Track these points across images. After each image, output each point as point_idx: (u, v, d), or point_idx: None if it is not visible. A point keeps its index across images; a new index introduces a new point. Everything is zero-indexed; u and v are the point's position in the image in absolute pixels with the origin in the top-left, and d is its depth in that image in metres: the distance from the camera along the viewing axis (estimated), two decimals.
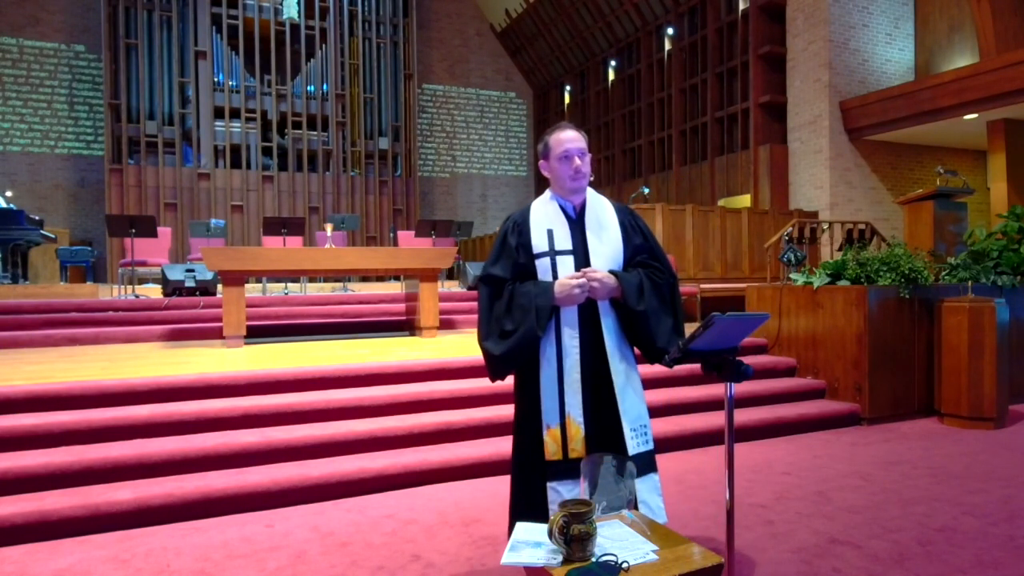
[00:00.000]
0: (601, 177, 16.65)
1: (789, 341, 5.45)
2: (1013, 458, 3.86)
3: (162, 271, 6.98)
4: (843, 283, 5.07)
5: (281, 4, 14.37)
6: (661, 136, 14.80)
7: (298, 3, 14.16)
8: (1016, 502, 3.10)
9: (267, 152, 15.32)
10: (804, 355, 5.31)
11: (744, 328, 1.89)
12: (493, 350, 2.08)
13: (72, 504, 2.80)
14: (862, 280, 4.99)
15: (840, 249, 7.39)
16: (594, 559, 1.62)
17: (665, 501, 2.19)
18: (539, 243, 2.13)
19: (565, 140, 2.12)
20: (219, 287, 6.35)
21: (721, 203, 12.54)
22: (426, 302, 6.08)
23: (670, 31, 14.18)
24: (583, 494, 1.99)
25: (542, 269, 2.11)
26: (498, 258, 2.16)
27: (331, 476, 3.24)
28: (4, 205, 7.85)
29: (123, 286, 8.11)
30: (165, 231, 9.24)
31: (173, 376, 3.84)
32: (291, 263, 5.80)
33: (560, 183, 2.16)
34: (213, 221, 8.74)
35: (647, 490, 2.09)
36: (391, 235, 12.58)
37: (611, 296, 2.10)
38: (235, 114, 14.89)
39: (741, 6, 12.24)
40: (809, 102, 11.13)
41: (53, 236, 8.84)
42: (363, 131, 16.01)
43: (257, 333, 6.04)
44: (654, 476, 2.13)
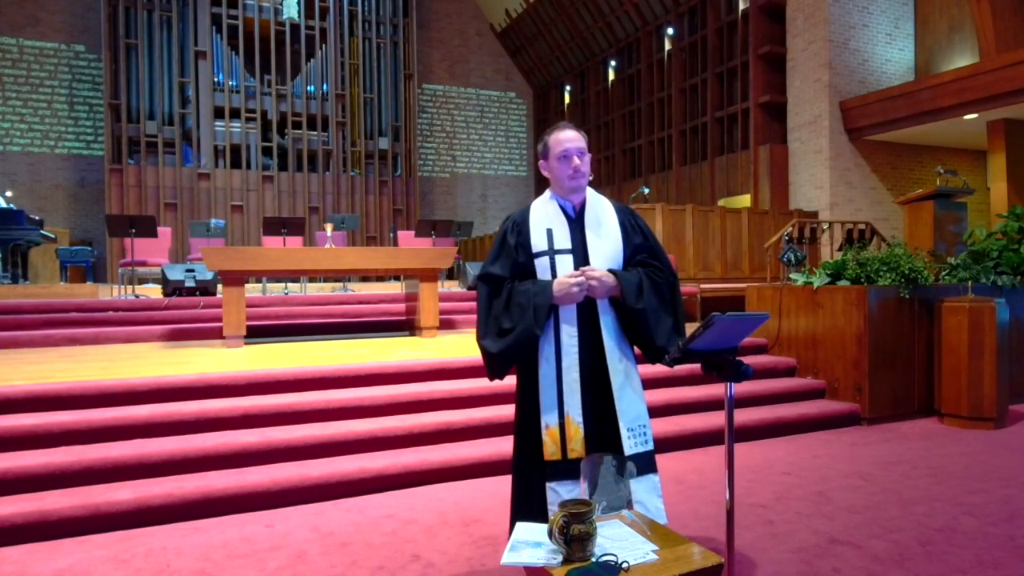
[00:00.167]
0: (601, 177, 16.65)
1: (789, 341, 5.45)
2: (1013, 458, 3.86)
3: (162, 271, 6.98)
4: (843, 283, 5.07)
5: (281, 4, 14.37)
6: (661, 136, 14.80)
7: (298, 3, 14.16)
8: (1016, 502, 3.10)
9: (267, 152, 15.32)
10: (804, 355, 5.31)
11: (744, 328, 1.90)
12: (491, 348, 2.08)
13: (72, 504, 2.80)
14: (862, 280, 4.99)
15: (840, 249, 7.39)
16: (594, 559, 1.62)
17: (665, 501, 2.18)
18: (538, 242, 2.13)
19: (564, 140, 2.12)
20: (219, 287, 6.35)
21: (721, 203, 12.54)
22: (426, 302, 6.08)
23: (670, 31, 14.18)
24: (583, 495, 1.99)
25: (541, 268, 2.11)
26: (497, 257, 2.16)
27: (331, 476, 3.24)
28: (4, 205, 7.85)
29: (123, 286, 8.11)
30: (165, 231, 9.24)
31: (173, 376, 3.85)
32: (291, 263, 5.80)
33: (559, 183, 2.16)
34: (213, 221, 8.74)
35: (645, 491, 2.08)
36: (391, 235, 12.58)
37: (610, 295, 2.09)
38: (235, 114, 14.89)
39: (741, 6, 12.24)
40: (809, 102, 11.13)
41: (53, 236, 8.84)
42: (363, 131, 16.01)
43: (257, 333, 6.04)
44: (653, 477, 2.12)
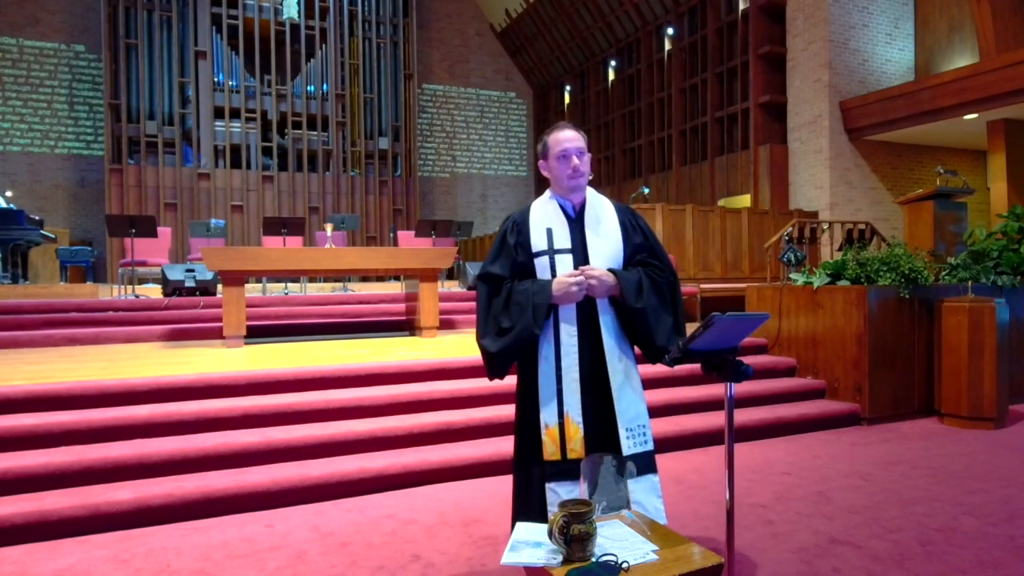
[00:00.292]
0: (601, 177, 16.65)
1: (789, 341, 5.45)
2: (1013, 458, 3.86)
3: (162, 271, 6.98)
4: (843, 283, 5.07)
5: (281, 4, 14.37)
6: (661, 136, 14.80)
7: (298, 3, 14.16)
8: (1016, 502, 3.10)
9: (267, 152, 15.31)
10: (804, 355, 5.31)
11: (744, 328, 1.90)
12: (490, 347, 2.08)
13: (72, 504, 2.80)
14: (862, 280, 4.99)
15: (840, 249, 7.39)
16: (594, 559, 1.62)
17: (665, 501, 2.18)
18: (538, 242, 2.13)
19: (563, 139, 2.12)
20: (219, 287, 6.35)
21: (721, 203, 12.54)
22: (426, 302, 6.08)
23: (670, 31, 14.18)
24: (582, 495, 1.99)
25: (541, 268, 2.11)
26: (497, 257, 2.16)
27: (331, 476, 3.24)
28: (4, 205, 7.85)
29: (123, 286, 8.11)
30: (165, 231, 9.24)
31: (173, 376, 3.85)
32: (291, 263, 5.80)
33: (558, 182, 2.16)
34: (213, 221, 8.74)
35: (644, 491, 2.08)
36: (391, 235, 12.58)
37: (610, 294, 2.09)
38: (235, 114, 14.89)
39: (741, 6, 12.24)
40: (809, 102, 11.13)
41: (53, 236, 8.84)
42: (363, 131, 16.01)
43: (257, 333, 6.04)
44: (652, 477, 2.11)
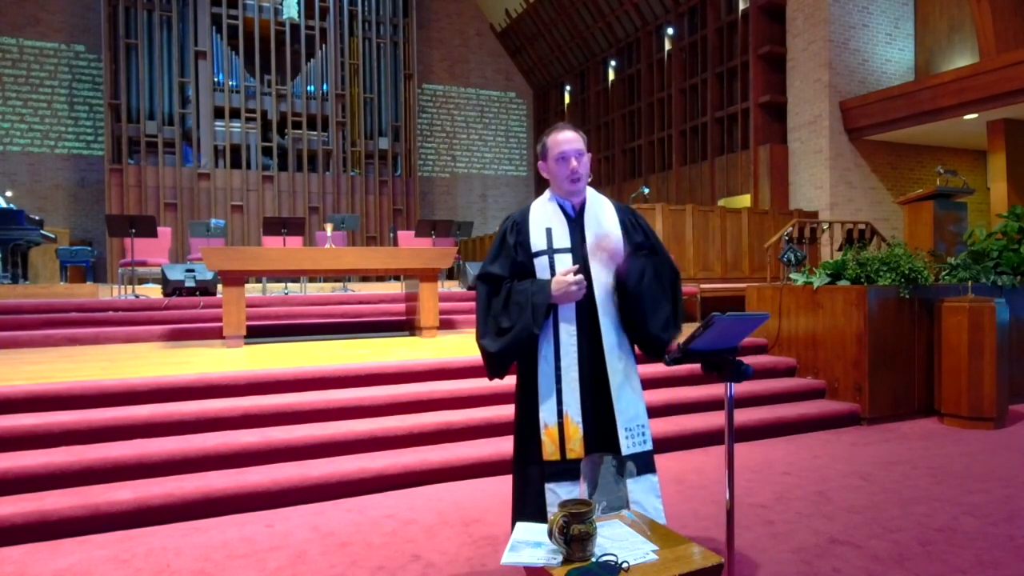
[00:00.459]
0: (601, 177, 16.64)
1: (789, 341, 5.45)
2: (1013, 458, 3.86)
3: (162, 271, 6.98)
4: (843, 283, 5.07)
5: (281, 4, 14.36)
6: (661, 136, 14.79)
7: (298, 3, 14.16)
8: (1016, 502, 3.10)
9: (267, 152, 15.31)
10: (804, 355, 5.31)
11: (744, 328, 1.90)
12: (489, 347, 2.08)
13: (72, 504, 2.80)
14: (862, 280, 4.99)
15: (840, 249, 7.39)
16: (594, 559, 1.62)
17: (665, 502, 2.18)
18: (537, 241, 2.13)
19: (562, 141, 2.12)
20: (219, 287, 6.35)
21: (721, 203, 12.54)
22: (426, 302, 6.08)
23: (670, 31, 14.18)
24: (582, 495, 1.99)
25: (540, 267, 2.11)
26: (496, 256, 2.16)
27: (331, 476, 3.24)
28: (4, 205, 7.85)
29: (123, 286, 8.11)
30: (165, 231, 9.24)
31: (173, 376, 3.85)
32: (291, 263, 5.80)
33: (558, 184, 2.16)
34: (213, 221, 8.74)
35: (643, 491, 2.08)
36: (391, 235, 12.58)
37: (618, 256, 2.07)
38: (235, 114, 14.88)
39: (741, 6, 12.23)
40: (809, 102, 11.13)
41: (53, 236, 8.84)
42: (363, 131, 16.00)
43: (257, 333, 6.04)
44: (652, 477, 2.12)
